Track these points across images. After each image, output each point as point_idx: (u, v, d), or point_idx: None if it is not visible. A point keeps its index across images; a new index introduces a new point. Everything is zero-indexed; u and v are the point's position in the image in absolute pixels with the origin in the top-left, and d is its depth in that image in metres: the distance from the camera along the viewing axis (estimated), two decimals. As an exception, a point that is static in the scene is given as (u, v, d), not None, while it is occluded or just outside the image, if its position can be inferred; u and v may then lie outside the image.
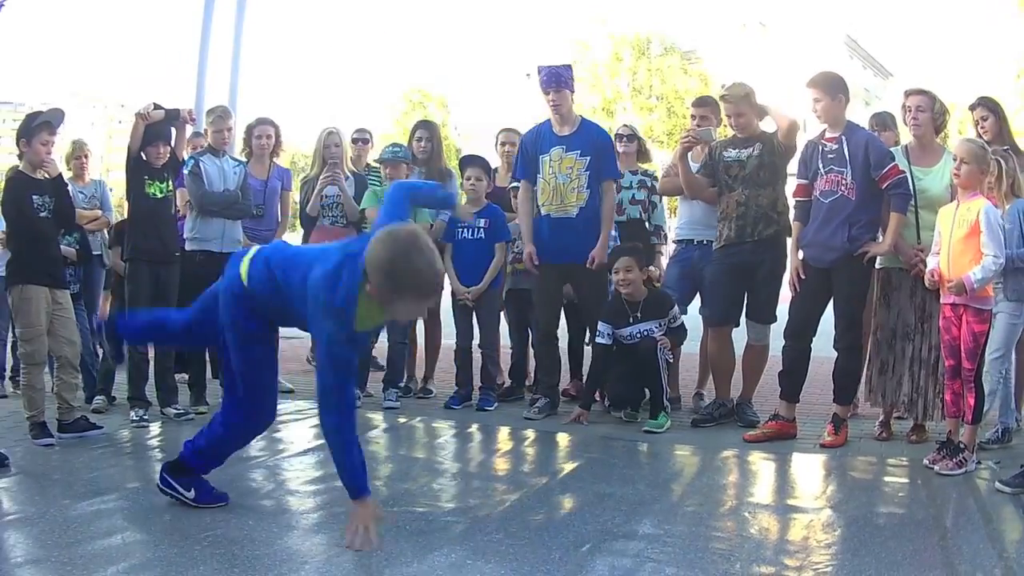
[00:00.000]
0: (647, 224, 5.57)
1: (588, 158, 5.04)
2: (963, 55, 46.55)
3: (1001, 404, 4.37)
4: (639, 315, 4.94)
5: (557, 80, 5.04)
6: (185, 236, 5.29)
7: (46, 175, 4.45)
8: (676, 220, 5.61)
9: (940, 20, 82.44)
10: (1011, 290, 4.06)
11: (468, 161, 5.77)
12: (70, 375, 4.48)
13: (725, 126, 5.26)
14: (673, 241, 5.71)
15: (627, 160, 5.64)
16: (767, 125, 4.94)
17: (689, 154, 5.12)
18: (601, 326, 4.96)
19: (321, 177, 5.65)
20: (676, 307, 5.03)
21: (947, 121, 4.73)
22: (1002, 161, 3.95)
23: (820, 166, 4.47)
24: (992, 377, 4.18)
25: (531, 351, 5.81)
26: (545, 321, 5.24)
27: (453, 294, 5.59)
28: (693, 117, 5.37)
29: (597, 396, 5.28)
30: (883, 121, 5.24)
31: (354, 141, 6.55)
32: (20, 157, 4.48)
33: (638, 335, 4.92)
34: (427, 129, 6.02)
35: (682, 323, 5.07)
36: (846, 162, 4.38)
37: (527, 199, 5.21)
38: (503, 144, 6.06)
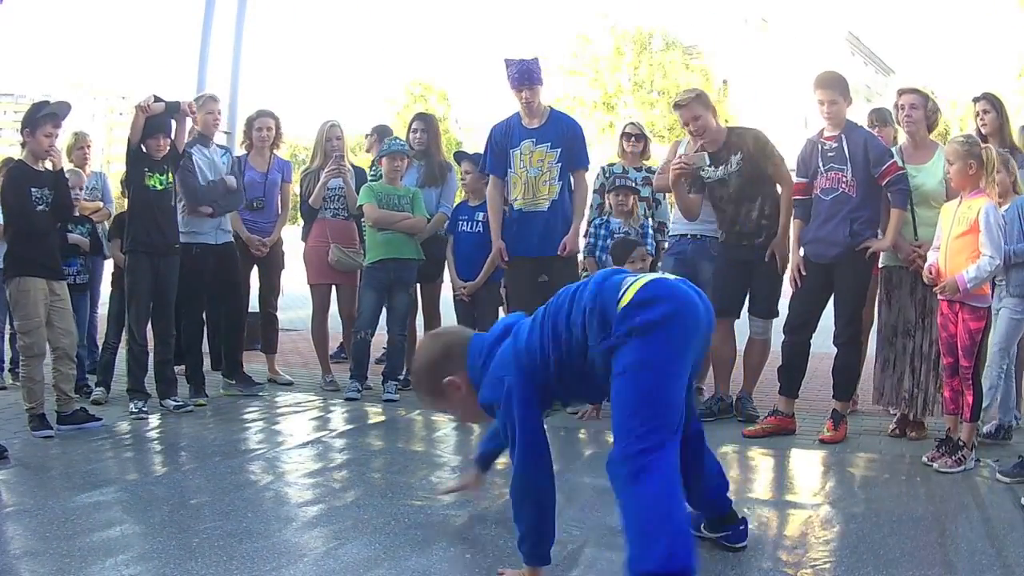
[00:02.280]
0: (651, 220, 5.54)
1: (559, 150, 4.98)
2: (964, 53, 46.58)
3: (1001, 401, 4.36)
4: None
5: (530, 78, 4.93)
6: (180, 229, 5.29)
7: (49, 167, 4.44)
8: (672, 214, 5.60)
9: (941, 17, 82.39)
10: (1014, 285, 4.04)
11: (461, 156, 5.76)
12: (67, 366, 4.47)
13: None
14: (668, 235, 5.70)
15: (632, 158, 5.63)
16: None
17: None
18: None
19: (327, 170, 5.65)
20: None
21: (939, 119, 4.74)
22: (992, 152, 3.88)
23: (820, 164, 4.47)
24: (992, 372, 4.17)
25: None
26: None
27: (453, 287, 5.58)
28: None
29: None
30: (883, 117, 5.23)
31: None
32: (23, 147, 4.47)
33: None
34: (423, 121, 6.02)
35: None
36: (846, 160, 4.39)
37: (497, 194, 5.15)
38: None
